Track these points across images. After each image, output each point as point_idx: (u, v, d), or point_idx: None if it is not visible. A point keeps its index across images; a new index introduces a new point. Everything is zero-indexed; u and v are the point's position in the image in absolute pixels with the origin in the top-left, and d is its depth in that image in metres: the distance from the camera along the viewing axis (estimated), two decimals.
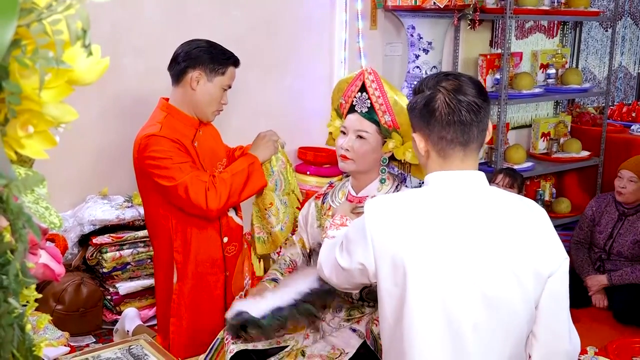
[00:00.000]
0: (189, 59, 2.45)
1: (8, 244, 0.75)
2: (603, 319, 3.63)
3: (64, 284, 3.02)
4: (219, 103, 2.50)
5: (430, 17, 3.91)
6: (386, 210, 1.57)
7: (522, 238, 1.52)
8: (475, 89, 1.57)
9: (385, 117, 2.10)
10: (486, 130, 1.60)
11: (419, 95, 1.60)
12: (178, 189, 2.34)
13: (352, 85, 2.18)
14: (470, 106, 1.54)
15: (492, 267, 1.49)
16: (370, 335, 2.04)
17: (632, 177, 3.78)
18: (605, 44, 5.48)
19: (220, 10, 3.59)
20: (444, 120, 1.54)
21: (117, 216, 3.19)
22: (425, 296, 1.50)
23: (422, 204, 1.56)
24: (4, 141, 0.73)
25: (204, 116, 2.50)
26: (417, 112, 1.59)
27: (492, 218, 1.53)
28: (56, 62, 0.71)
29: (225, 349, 2.12)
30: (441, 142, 1.56)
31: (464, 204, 1.54)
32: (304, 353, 2.03)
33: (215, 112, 2.53)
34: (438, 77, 1.60)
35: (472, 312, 1.49)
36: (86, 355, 2.16)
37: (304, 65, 3.95)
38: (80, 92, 0.82)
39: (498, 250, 1.50)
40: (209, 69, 2.45)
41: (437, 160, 1.59)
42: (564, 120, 4.87)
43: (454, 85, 1.56)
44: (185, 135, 2.45)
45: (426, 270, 1.50)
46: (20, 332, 0.80)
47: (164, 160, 2.36)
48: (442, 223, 1.52)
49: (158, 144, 2.36)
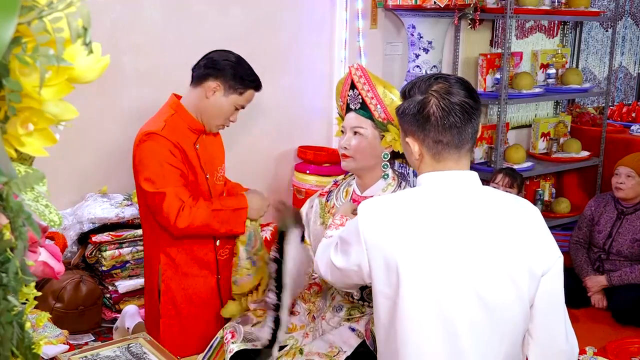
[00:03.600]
0: (213, 68, 2.44)
1: (8, 241, 0.74)
2: (602, 319, 3.64)
3: (63, 282, 3.02)
4: (227, 119, 2.49)
5: (431, 17, 3.91)
6: (379, 212, 1.58)
7: (515, 237, 1.52)
8: (465, 89, 1.57)
9: (378, 111, 2.11)
10: (478, 131, 1.61)
11: (409, 100, 1.59)
12: (155, 196, 2.33)
13: (344, 85, 2.20)
14: (464, 108, 1.54)
15: (486, 266, 1.49)
16: (371, 335, 2.04)
17: (629, 173, 3.78)
18: (605, 44, 5.48)
19: (221, 8, 3.59)
20: (439, 124, 1.54)
21: (116, 214, 3.19)
22: (418, 297, 1.50)
23: (415, 204, 1.56)
24: (4, 139, 0.73)
25: (207, 126, 2.49)
26: (410, 117, 1.58)
27: (485, 218, 1.53)
28: (57, 60, 0.71)
29: (225, 348, 2.12)
30: (437, 146, 1.56)
31: (457, 204, 1.54)
32: (302, 351, 2.03)
33: (220, 126, 2.51)
34: (428, 80, 1.59)
35: (466, 312, 1.49)
36: (85, 353, 2.16)
37: (304, 64, 3.95)
38: (80, 90, 0.82)
39: (491, 249, 1.50)
40: (228, 84, 2.43)
41: (431, 162, 1.59)
42: (564, 120, 4.87)
43: (444, 87, 1.56)
44: (188, 137, 2.44)
45: (419, 271, 1.50)
46: (20, 330, 0.80)
47: (153, 162, 2.35)
48: (435, 224, 1.52)
49: (155, 143, 2.35)
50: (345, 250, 1.63)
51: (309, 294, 2.40)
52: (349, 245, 1.62)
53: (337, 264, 1.67)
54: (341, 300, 2.21)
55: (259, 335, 2.13)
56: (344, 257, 1.64)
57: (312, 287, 2.42)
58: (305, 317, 2.29)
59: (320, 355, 2.00)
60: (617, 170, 3.85)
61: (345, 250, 1.64)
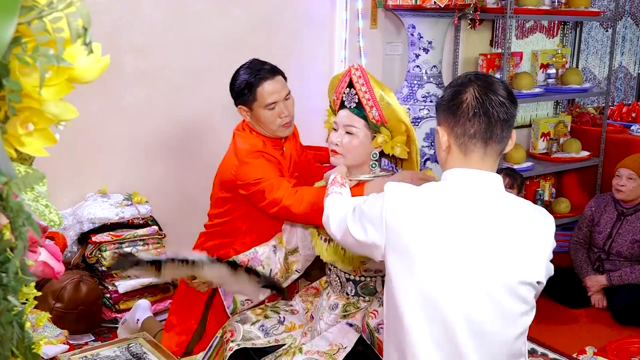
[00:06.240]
0: (232, 96, 2.54)
1: (8, 241, 0.74)
2: (602, 319, 3.63)
3: (63, 282, 3.01)
4: (276, 119, 2.51)
5: (431, 17, 3.90)
6: (405, 197, 1.59)
7: (527, 246, 1.55)
8: (506, 91, 1.61)
9: (372, 112, 2.12)
10: (509, 137, 1.63)
11: (449, 89, 1.63)
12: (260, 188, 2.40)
13: (341, 81, 2.21)
14: (499, 104, 1.57)
15: (494, 268, 1.52)
16: (367, 329, 2.05)
17: (630, 175, 3.78)
18: (605, 44, 5.48)
19: (220, 8, 3.59)
20: (470, 112, 1.57)
21: (116, 214, 3.19)
22: (424, 286, 1.52)
23: (438, 198, 1.58)
24: (4, 139, 0.73)
25: (273, 135, 2.55)
26: (445, 105, 1.62)
27: (502, 223, 1.56)
28: (57, 60, 0.71)
29: (225, 346, 2.13)
30: (464, 137, 1.59)
31: (479, 205, 1.56)
32: (301, 350, 2.04)
33: (280, 127, 2.54)
34: (471, 75, 1.64)
35: (472, 308, 1.51)
36: (85, 353, 2.17)
37: (304, 64, 3.95)
38: (80, 90, 0.82)
39: (502, 253, 1.53)
40: (242, 101, 2.50)
41: (458, 155, 1.61)
42: (564, 120, 4.86)
43: (486, 83, 1.60)
44: (273, 148, 2.55)
45: (431, 263, 1.52)
46: (20, 330, 0.80)
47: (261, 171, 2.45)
48: (455, 220, 1.54)
49: (255, 159, 2.45)
50: (365, 226, 1.64)
51: (307, 295, 2.41)
52: (369, 222, 1.62)
53: (355, 234, 1.66)
54: (337, 298, 2.22)
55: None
56: (363, 231, 1.64)
57: (310, 289, 2.43)
58: (303, 316, 2.30)
59: (320, 353, 2.01)
60: (618, 171, 3.84)
61: (365, 225, 1.64)
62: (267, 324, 2.21)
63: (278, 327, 2.22)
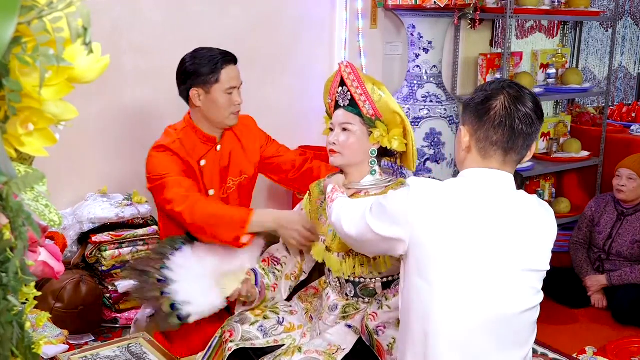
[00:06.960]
0: (182, 80, 2.48)
1: (8, 241, 0.74)
2: (602, 319, 3.63)
3: (63, 282, 3.01)
4: (230, 106, 2.49)
5: (431, 17, 3.90)
6: (429, 193, 1.61)
7: (535, 237, 1.64)
8: (534, 103, 1.63)
9: (366, 107, 2.12)
10: (530, 147, 1.66)
11: (480, 92, 1.65)
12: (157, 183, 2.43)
13: (333, 82, 2.23)
14: (526, 117, 1.59)
15: (506, 266, 1.58)
16: (366, 330, 2.05)
17: (631, 175, 3.78)
18: (605, 44, 5.48)
19: (220, 8, 3.59)
20: (496, 120, 1.59)
21: (116, 214, 3.19)
22: (444, 277, 1.56)
23: (457, 195, 1.61)
24: (4, 139, 0.73)
25: (221, 123, 2.51)
26: (473, 107, 1.64)
27: (516, 218, 1.62)
28: (57, 60, 0.71)
29: (224, 346, 2.13)
30: (485, 142, 1.61)
31: (495, 202, 1.61)
32: (300, 349, 2.04)
33: (231, 116, 2.51)
34: (504, 82, 1.65)
35: (489, 297, 1.57)
36: (85, 353, 2.17)
37: (304, 64, 3.95)
38: (80, 90, 0.82)
39: (515, 251, 1.59)
40: (201, 82, 2.44)
41: (476, 158, 1.64)
42: (564, 120, 4.86)
43: (517, 93, 1.61)
44: (196, 153, 2.51)
45: (447, 259, 1.56)
46: (20, 330, 0.80)
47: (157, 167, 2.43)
48: (474, 216, 1.58)
49: (162, 154, 2.44)
50: (387, 220, 1.65)
51: (306, 295, 2.41)
52: (392, 216, 1.63)
53: (378, 230, 1.66)
54: (336, 299, 2.22)
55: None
56: (385, 226, 1.65)
57: (309, 289, 2.43)
58: (303, 317, 2.30)
59: (319, 352, 2.01)
60: (619, 172, 3.84)
61: (387, 219, 1.65)
62: (266, 324, 2.21)
63: (277, 328, 2.22)
